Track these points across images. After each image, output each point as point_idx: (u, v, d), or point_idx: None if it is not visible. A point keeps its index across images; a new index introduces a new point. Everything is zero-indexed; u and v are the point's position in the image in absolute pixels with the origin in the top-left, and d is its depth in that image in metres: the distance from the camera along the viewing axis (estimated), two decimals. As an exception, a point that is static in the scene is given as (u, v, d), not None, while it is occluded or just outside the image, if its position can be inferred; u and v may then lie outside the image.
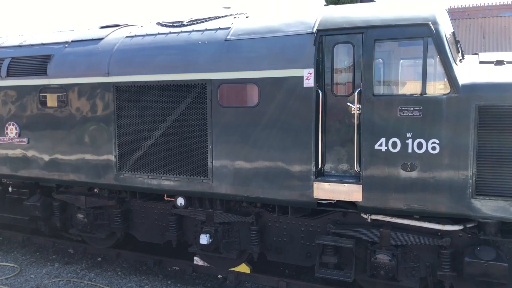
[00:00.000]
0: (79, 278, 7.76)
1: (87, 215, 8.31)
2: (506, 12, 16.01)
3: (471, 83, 5.37)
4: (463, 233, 5.90)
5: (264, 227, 7.12)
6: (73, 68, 7.92)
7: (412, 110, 5.57)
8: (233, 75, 6.58)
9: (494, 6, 16.19)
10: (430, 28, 5.51)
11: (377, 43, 5.78)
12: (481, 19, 16.22)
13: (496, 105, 5.22)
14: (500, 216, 5.35)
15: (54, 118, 8.08)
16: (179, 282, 7.60)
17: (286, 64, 6.22)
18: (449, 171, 5.47)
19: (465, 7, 16.72)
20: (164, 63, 7.10)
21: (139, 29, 7.97)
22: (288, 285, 7.23)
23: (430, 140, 5.52)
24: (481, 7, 16.35)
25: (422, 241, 5.94)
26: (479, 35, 15.74)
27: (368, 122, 5.79)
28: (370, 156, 5.81)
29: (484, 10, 16.31)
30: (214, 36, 6.93)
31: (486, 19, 16.20)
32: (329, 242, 6.32)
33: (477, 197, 5.39)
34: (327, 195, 6.12)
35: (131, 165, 7.43)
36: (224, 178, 6.75)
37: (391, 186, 5.74)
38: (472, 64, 5.82)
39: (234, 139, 6.61)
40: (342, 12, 6.28)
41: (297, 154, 6.22)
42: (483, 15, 16.33)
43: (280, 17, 6.78)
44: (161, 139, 7.13)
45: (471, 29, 16.06)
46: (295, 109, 6.19)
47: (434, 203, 5.59)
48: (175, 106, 6.98)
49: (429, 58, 5.57)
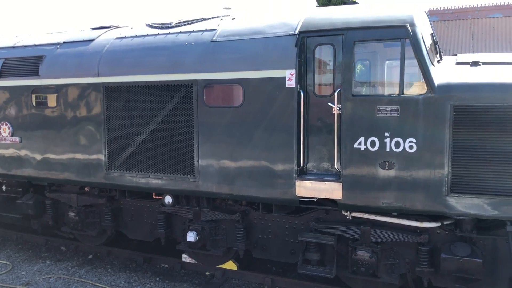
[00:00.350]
0: (69, 275, 7.91)
1: (78, 213, 8.46)
2: (495, 13, 16.13)
3: (447, 83, 5.50)
4: (441, 230, 6.04)
5: (250, 225, 7.26)
6: (64, 69, 8.07)
7: (390, 110, 5.70)
8: (218, 76, 6.72)
9: (483, 7, 16.30)
10: (407, 29, 5.64)
11: (356, 44, 5.91)
12: (470, 20, 16.35)
13: (470, 105, 5.35)
14: (475, 213, 5.48)
15: (46, 118, 8.23)
16: (167, 279, 7.74)
17: (269, 65, 6.36)
18: (426, 169, 5.60)
19: (454, 8, 16.86)
20: (152, 64, 7.24)
21: (129, 30, 8.12)
22: (273, 281, 7.37)
23: (407, 139, 5.66)
24: (471, 8, 16.47)
25: (401, 238, 6.07)
26: (468, 36, 15.88)
27: (347, 122, 5.92)
28: (350, 154, 5.94)
29: (473, 11, 16.43)
30: (200, 38, 7.07)
31: (475, 20, 16.32)
32: (311, 239, 6.46)
33: (452, 195, 5.52)
34: (309, 192, 6.25)
35: (120, 164, 7.58)
36: (210, 177, 6.89)
37: (370, 184, 5.88)
38: (449, 65, 5.95)
39: (220, 138, 6.75)
40: (324, 14, 6.43)
41: (280, 153, 6.36)
42: (472, 16, 16.48)
43: (265, 19, 6.93)
44: (149, 138, 7.28)
45: (460, 30, 16.19)
46: (278, 109, 6.32)
47: (411, 200, 5.72)
48: (162, 106, 7.12)
49: (407, 59, 5.70)
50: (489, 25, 15.88)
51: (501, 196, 5.31)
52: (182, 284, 7.54)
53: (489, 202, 5.38)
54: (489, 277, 5.84)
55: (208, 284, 7.56)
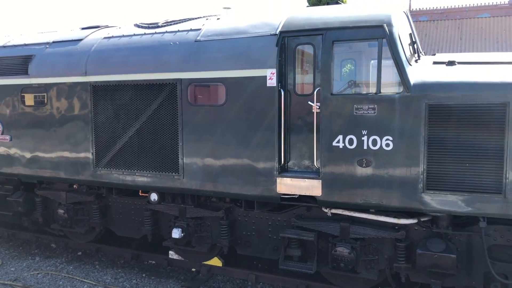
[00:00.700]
0: (57, 271, 8.03)
1: (67, 211, 8.58)
2: (483, 13, 16.24)
3: (422, 82, 5.61)
4: (418, 226, 6.15)
5: (234, 222, 7.38)
6: (52, 68, 8.18)
7: (367, 108, 5.81)
8: (201, 75, 6.83)
9: (471, 8, 16.41)
10: (384, 29, 5.75)
11: (335, 44, 6.02)
12: (459, 20, 16.45)
13: (444, 104, 5.46)
14: (449, 210, 5.59)
15: (35, 117, 8.34)
16: (154, 275, 7.86)
17: (251, 64, 6.47)
18: (402, 166, 5.71)
19: (444, 9, 16.95)
20: (138, 63, 7.35)
21: (116, 30, 8.24)
22: (257, 278, 7.49)
23: (384, 137, 5.77)
24: (459, 9, 16.58)
25: (379, 234, 6.18)
26: (457, 36, 15.97)
27: (326, 120, 6.03)
28: (329, 152, 6.05)
29: (462, 11, 16.54)
30: (185, 37, 7.18)
31: (464, 20, 16.42)
32: (291, 235, 6.57)
33: (427, 192, 5.63)
34: (290, 189, 6.36)
35: (107, 162, 7.69)
36: (194, 174, 7.00)
37: (348, 181, 5.99)
38: (426, 65, 6.05)
39: (203, 136, 6.86)
40: (306, 14, 6.53)
41: (262, 150, 6.47)
42: (461, 16, 16.58)
43: (249, 19, 7.03)
44: (135, 136, 7.39)
45: (449, 30, 16.28)
46: (260, 107, 6.43)
47: (388, 197, 5.83)
48: (148, 105, 7.24)
49: (384, 59, 5.81)
50: (477, 25, 15.98)
51: (474, 193, 5.42)
52: (168, 280, 7.66)
53: (463, 199, 5.49)
54: (464, 272, 5.95)
55: (194, 280, 7.67)
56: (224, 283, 7.57)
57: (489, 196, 5.37)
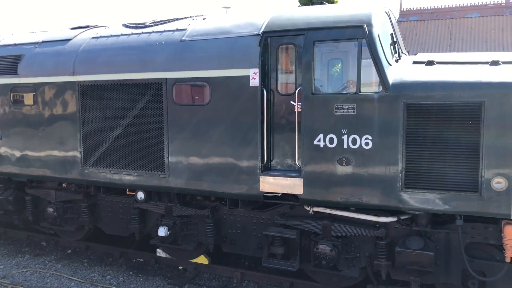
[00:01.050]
0: (46, 269, 8.11)
1: (56, 209, 8.65)
2: (472, 13, 16.29)
3: (400, 82, 5.68)
4: (399, 224, 6.21)
5: (219, 220, 7.45)
6: (41, 68, 8.26)
7: (347, 108, 5.88)
8: (186, 74, 6.90)
9: (461, 7, 16.46)
10: (364, 30, 5.81)
11: (316, 44, 6.09)
12: (449, 20, 16.50)
13: (421, 103, 5.53)
14: (427, 208, 5.66)
15: (25, 116, 8.42)
16: (141, 273, 7.94)
17: (234, 64, 6.54)
18: (381, 165, 5.78)
19: (434, 8, 17.01)
20: (124, 63, 7.43)
21: (105, 30, 8.31)
22: (242, 275, 7.56)
23: (363, 136, 5.83)
24: (449, 8, 16.62)
25: (360, 232, 6.25)
26: (447, 35, 16.02)
27: (307, 119, 6.10)
28: (310, 151, 6.12)
29: (452, 11, 16.59)
30: (171, 37, 7.25)
31: (454, 20, 16.47)
32: (274, 233, 6.64)
33: (406, 190, 5.70)
34: (272, 188, 6.44)
35: (94, 160, 7.77)
36: (179, 173, 7.07)
37: (329, 179, 6.05)
38: (406, 64, 6.12)
39: (188, 135, 6.94)
40: (289, 14, 6.60)
41: (245, 149, 6.54)
42: (451, 16, 16.63)
43: (233, 19, 7.10)
44: (122, 135, 7.46)
45: (439, 30, 16.34)
46: (243, 107, 6.50)
47: (368, 196, 5.90)
48: (134, 104, 7.31)
49: (363, 59, 5.87)
50: (467, 25, 16.04)
51: (451, 191, 5.49)
52: (155, 278, 7.74)
53: (440, 197, 5.56)
54: (443, 270, 6.02)
55: (180, 277, 7.75)
56: (210, 280, 7.65)
57: (466, 194, 5.44)
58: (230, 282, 7.55)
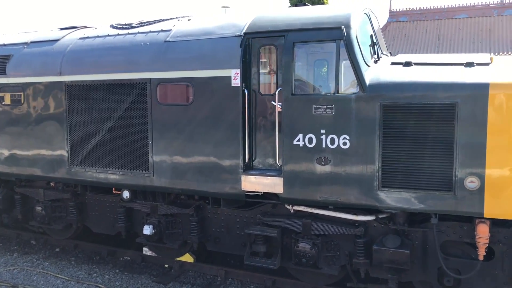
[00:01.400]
0: (33, 267, 8.20)
1: (45, 208, 8.74)
2: (461, 14, 16.35)
3: (377, 83, 5.77)
4: (377, 223, 6.30)
5: (203, 219, 7.54)
6: (29, 68, 8.36)
7: (325, 108, 5.97)
8: (170, 75, 6.99)
9: (449, 8, 16.52)
10: (342, 31, 5.90)
11: (296, 45, 6.18)
12: (438, 21, 16.58)
13: (397, 103, 5.62)
14: (403, 207, 5.74)
15: (13, 115, 8.51)
16: (127, 271, 8.03)
17: (216, 64, 6.63)
18: (358, 164, 5.87)
19: (423, 9, 17.09)
20: (110, 63, 7.52)
21: (92, 31, 8.39)
22: (226, 273, 7.65)
23: (341, 136, 5.92)
24: (438, 9, 16.68)
25: (339, 231, 6.34)
26: (435, 36, 16.11)
27: (287, 119, 6.19)
28: (290, 151, 6.21)
29: (440, 12, 16.66)
30: (155, 38, 7.34)
31: (442, 21, 16.54)
32: (256, 231, 6.73)
33: (383, 189, 5.79)
34: (254, 187, 6.53)
35: (81, 160, 7.86)
36: (163, 172, 7.16)
37: (308, 179, 6.14)
38: (384, 66, 6.20)
39: (172, 135, 7.02)
40: (271, 16, 6.68)
41: (227, 149, 6.63)
42: (440, 17, 16.71)
43: (218, 20, 7.19)
44: (108, 135, 7.55)
45: (428, 30, 16.43)
46: (225, 107, 6.60)
47: (345, 195, 5.99)
48: (119, 104, 7.40)
49: (342, 60, 5.97)
50: (455, 25, 16.11)
51: (427, 190, 5.58)
52: (140, 276, 7.83)
53: (415, 196, 5.65)
54: (420, 267, 6.11)
55: (165, 275, 7.84)
56: (195, 278, 7.74)
57: (440, 194, 5.52)
58: (214, 280, 7.65)
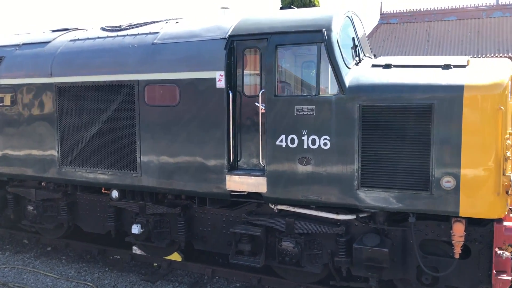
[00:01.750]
0: (24, 266, 8.33)
1: (36, 207, 8.87)
2: (450, 16, 16.47)
3: (356, 84, 5.89)
4: (358, 222, 6.43)
5: (191, 218, 7.66)
6: (21, 69, 8.50)
7: (307, 110, 6.10)
8: (157, 76, 7.13)
9: (439, 10, 16.62)
10: (323, 34, 6.03)
11: (279, 48, 6.31)
12: (427, 23, 16.71)
13: (376, 105, 5.74)
14: (381, 206, 5.87)
15: (5, 116, 8.65)
16: (116, 269, 8.15)
17: (202, 66, 6.76)
18: (339, 165, 5.99)
19: (413, 11, 17.20)
20: (99, 65, 7.66)
21: (83, 33, 8.53)
22: (213, 271, 7.78)
23: (322, 136, 6.05)
24: (428, 11, 16.77)
25: (321, 229, 6.46)
26: (424, 38, 16.24)
27: (270, 120, 6.32)
28: (273, 151, 6.34)
29: (430, 14, 16.77)
30: (143, 40, 7.48)
31: (432, 23, 16.66)
32: (241, 230, 6.86)
33: (362, 189, 5.91)
34: (238, 186, 6.65)
35: (71, 160, 7.99)
36: (151, 172, 7.29)
37: (290, 178, 6.27)
38: (364, 68, 6.32)
39: (159, 135, 7.15)
40: (255, 18, 6.81)
41: (213, 149, 6.76)
42: (429, 19, 16.83)
43: (204, 22, 7.32)
44: (97, 135, 7.68)
45: (418, 32, 16.56)
46: (210, 108, 6.73)
47: (326, 194, 6.11)
48: (108, 105, 7.53)
49: (323, 62, 6.10)
50: (444, 28, 16.23)
51: (404, 189, 5.70)
52: (129, 274, 7.95)
53: (394, 196, 5.77)
54: (399, 265, 6.23)
55: (154, 274, 7.96)
56: (183, 277, 7.86)
57: (418, 193, 5.64)
58: (201, 278, 7.77)
